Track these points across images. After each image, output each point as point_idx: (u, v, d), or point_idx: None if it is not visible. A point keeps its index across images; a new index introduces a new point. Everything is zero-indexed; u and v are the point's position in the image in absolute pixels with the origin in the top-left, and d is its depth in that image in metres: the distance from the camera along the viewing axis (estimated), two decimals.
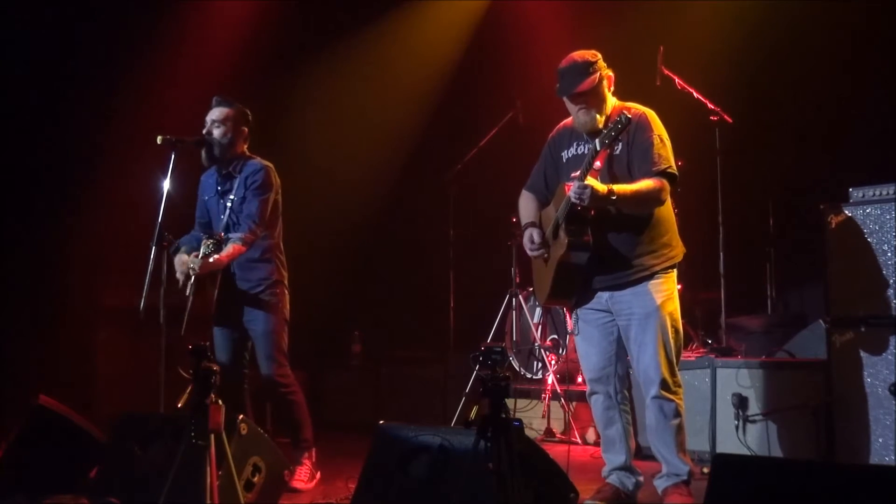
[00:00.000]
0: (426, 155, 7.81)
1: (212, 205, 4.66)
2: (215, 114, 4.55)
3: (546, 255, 3.93)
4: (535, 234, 3.97)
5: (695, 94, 5.59)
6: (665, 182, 3.75)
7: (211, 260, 4.23)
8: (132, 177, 6.03)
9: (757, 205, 6.58)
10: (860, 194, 4.30)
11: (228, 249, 4.35)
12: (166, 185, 4.33)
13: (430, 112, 7.88)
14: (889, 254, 4.15)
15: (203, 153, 4.53)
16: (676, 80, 5.61)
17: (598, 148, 3.63)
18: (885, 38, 5.87)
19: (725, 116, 5.58)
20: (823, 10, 6.05)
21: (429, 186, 7.53)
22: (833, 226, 4.33)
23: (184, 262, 4.45)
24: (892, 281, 4.13)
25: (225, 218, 4.54)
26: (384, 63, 7.89)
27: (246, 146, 4.64)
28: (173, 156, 4.36)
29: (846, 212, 4.29)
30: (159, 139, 4.35)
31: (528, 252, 4.01)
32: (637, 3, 6.87)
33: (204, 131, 4.53)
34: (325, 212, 7.41)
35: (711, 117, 5.57)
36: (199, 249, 4.57)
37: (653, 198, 3.75)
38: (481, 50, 7.77)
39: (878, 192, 4.24)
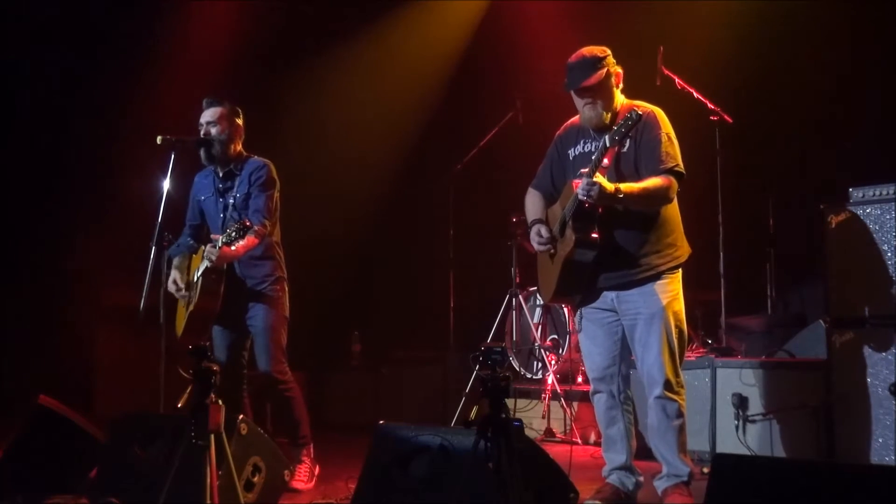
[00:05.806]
0: (426, 154, 7.81)
1: (208, 205, 4.65)
2: (209, 114, 4.54)
3: (553, 251, 3.92)
4: (542, 229, 3.96)
5: (695, 94, 5.58)
6: (673, 180, 3.75)
7: (233, 248, 4.14)
8: (132, 177, 6.04)
9: (757, 205, 6.57)
10: (860, 194, 4.29)
11: (243, 241, 4.31)
12: (166, 184, 4.34)
13: (430, 112, 7.87)
14: (889, 254, 4.14)
15: (202, 153, 4.53)
16: (676, 80, 5.60)
17: (608, 144, 3.62)
18: (885, 38, 5.87)
19: (725, 116, 5.58)
20: (823, 9, 6.05)
21: (429, 186, 7.53)
22: (833, 226, 4.32)
23: (175, 280, 4.49)
24: (892, 280, 4.13)
25: (224, 217, 4.54)
26: (384, 63, 7.89)
27: (241, 143, 4.64)
28: (173, 156, 4.37)
29: (846, 212, 4.29)
30: (159, 139, 4.35)
31: (536, 246, 4.00)
32: (637, 3, 6.87)
33: (201, 133, 4.53)
34: (324, 211, 7.41)
35: (711, 117, 5.56)
36: (188, 257, 4.57)
37: (661, 195, 3.75)
38: (481, 50, 7.77)
39: (878, 192, 4.23)
